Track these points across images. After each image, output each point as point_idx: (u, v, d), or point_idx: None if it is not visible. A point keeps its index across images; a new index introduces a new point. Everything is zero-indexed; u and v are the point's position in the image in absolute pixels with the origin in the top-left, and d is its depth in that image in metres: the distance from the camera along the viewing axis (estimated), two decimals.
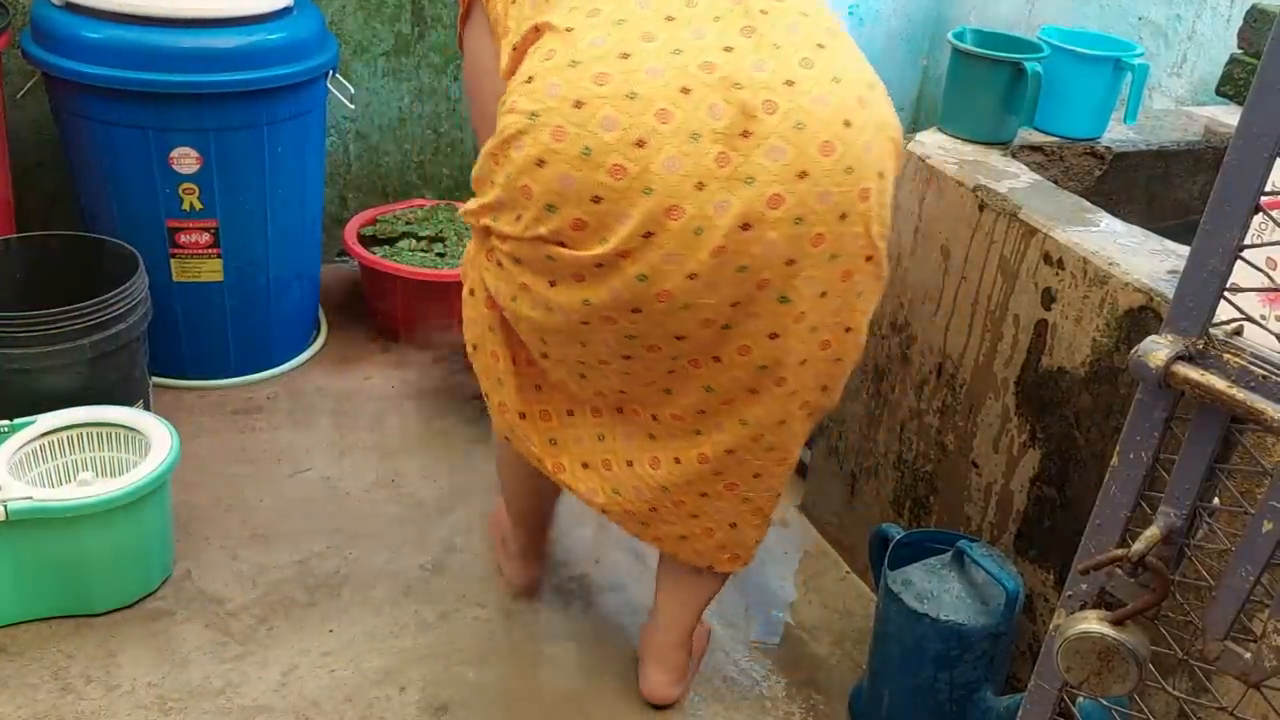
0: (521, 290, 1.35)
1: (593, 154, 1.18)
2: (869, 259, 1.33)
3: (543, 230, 1.25)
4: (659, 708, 1.75)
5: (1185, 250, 0.91)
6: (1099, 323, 1.47)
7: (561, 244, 1.25)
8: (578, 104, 1.19)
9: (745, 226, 1.21)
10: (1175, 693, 0.97)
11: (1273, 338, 0.85)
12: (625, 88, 1.18)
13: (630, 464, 1.52)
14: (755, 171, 1.20)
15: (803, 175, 1.21)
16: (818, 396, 1.45)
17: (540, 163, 1.21)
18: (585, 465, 1.56)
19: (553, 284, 1.30)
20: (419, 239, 2.72)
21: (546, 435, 1.57)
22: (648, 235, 1.21)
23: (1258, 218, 0.83)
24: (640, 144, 1.18)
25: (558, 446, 1.57)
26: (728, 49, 1.20)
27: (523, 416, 1.56)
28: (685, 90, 1.18)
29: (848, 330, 1.38)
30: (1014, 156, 1.84)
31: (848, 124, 1.24)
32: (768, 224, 1.21)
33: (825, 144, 1.22)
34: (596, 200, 1.20)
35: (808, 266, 1.27)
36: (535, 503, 1.83)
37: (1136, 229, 1.57)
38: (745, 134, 1.19)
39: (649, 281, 1.23)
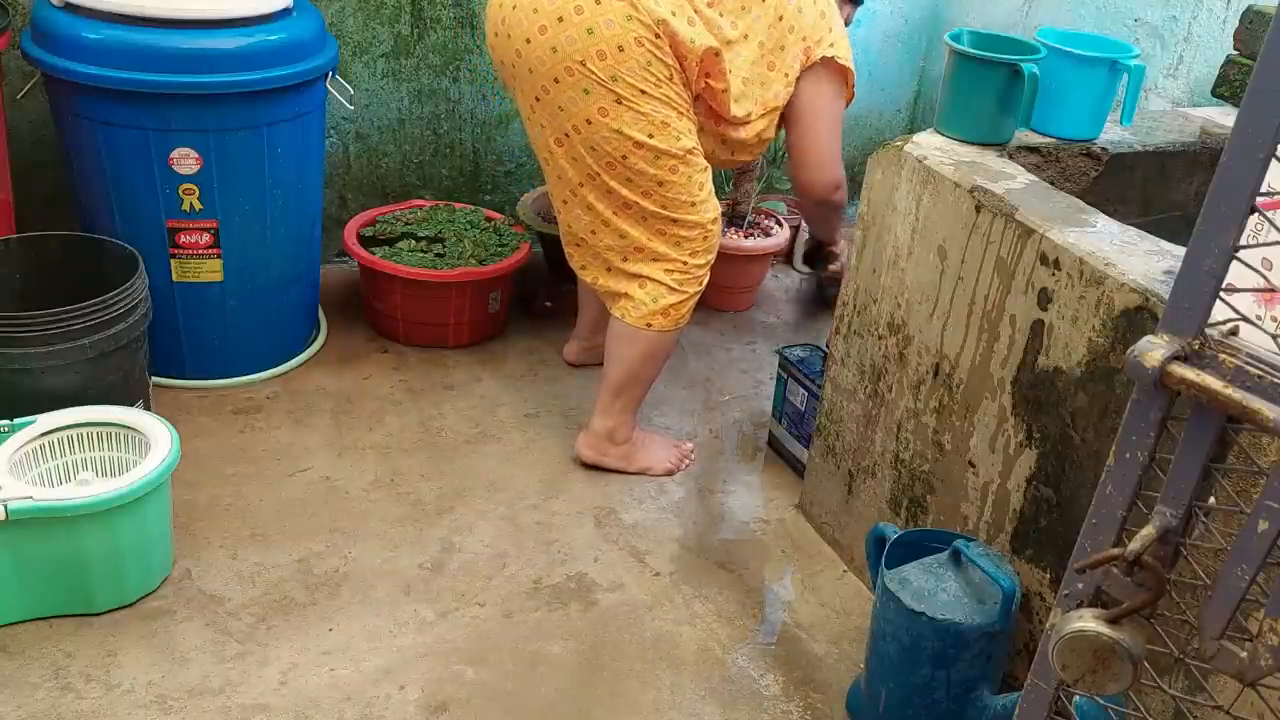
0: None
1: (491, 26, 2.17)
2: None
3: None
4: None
5: (1181, 251, 0.91)
6: (1095, 323, 1.48)
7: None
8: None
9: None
10: (1171, 691, 0.98)
11: (1268, 338, 0.86)
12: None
13: None
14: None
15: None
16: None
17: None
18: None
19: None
20: (418, 239, 2.72)
21: None
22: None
23: (1253, 218, 0.84)
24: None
25: None
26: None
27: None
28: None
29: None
30: (1010, 158, 1.85)
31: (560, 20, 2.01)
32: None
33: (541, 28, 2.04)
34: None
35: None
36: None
37: (1132, 230, 1.58)
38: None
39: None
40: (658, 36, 1.97)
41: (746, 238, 3.01)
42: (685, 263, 2.17)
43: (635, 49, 1.96)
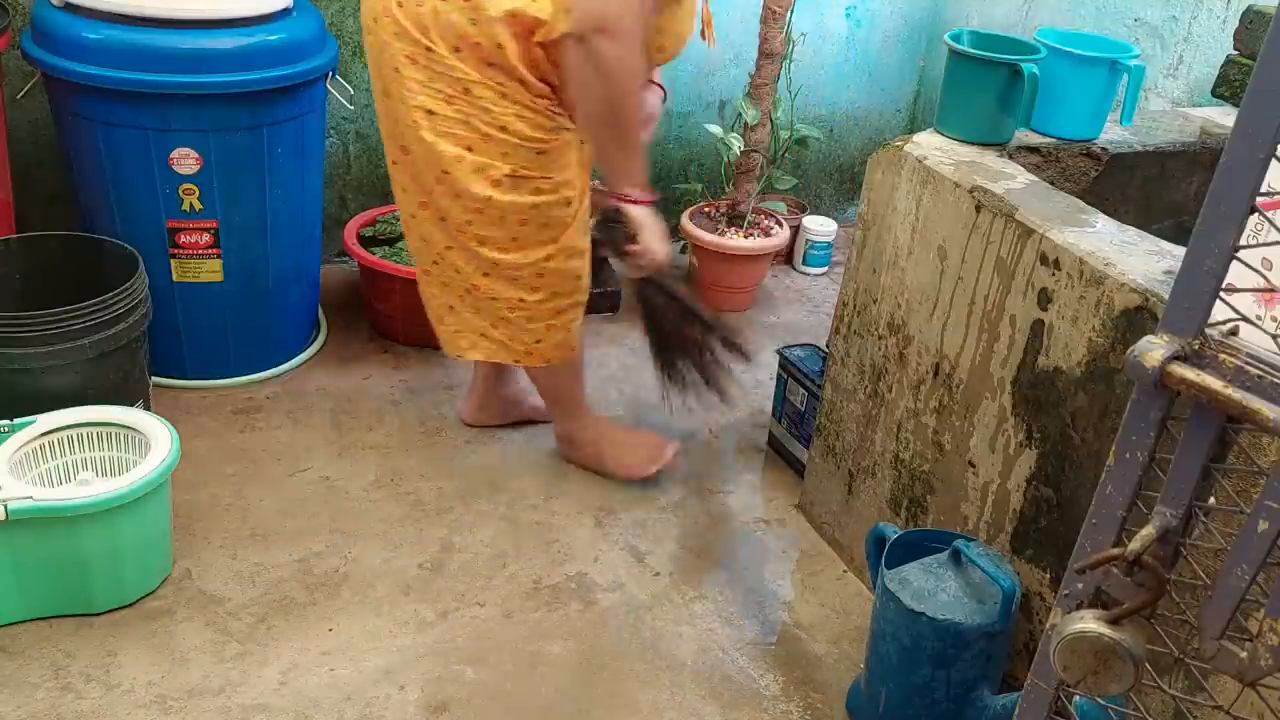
0: None
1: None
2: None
3: None
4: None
5: (1181, 251, 0.91)
6: (1095, 323, 1.48)
7: None
8: None
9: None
10: (1171, 691, 0.98)
11: (1268, 338, 0.86)
12: None
13: None
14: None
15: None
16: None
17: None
18: None
19: None
20: None
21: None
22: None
23: (1253, 218, 0.84)
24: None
25: None
26: None
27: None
28: None
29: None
30: (1010, 158, 1.85)
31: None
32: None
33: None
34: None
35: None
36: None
37: (1132, 230, 1.58)
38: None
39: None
40: (430, 50, 1.75)
41: (746, 238, 3.01)
42: (524, 299, 2.01)
43: (398, 80, 1.80)
